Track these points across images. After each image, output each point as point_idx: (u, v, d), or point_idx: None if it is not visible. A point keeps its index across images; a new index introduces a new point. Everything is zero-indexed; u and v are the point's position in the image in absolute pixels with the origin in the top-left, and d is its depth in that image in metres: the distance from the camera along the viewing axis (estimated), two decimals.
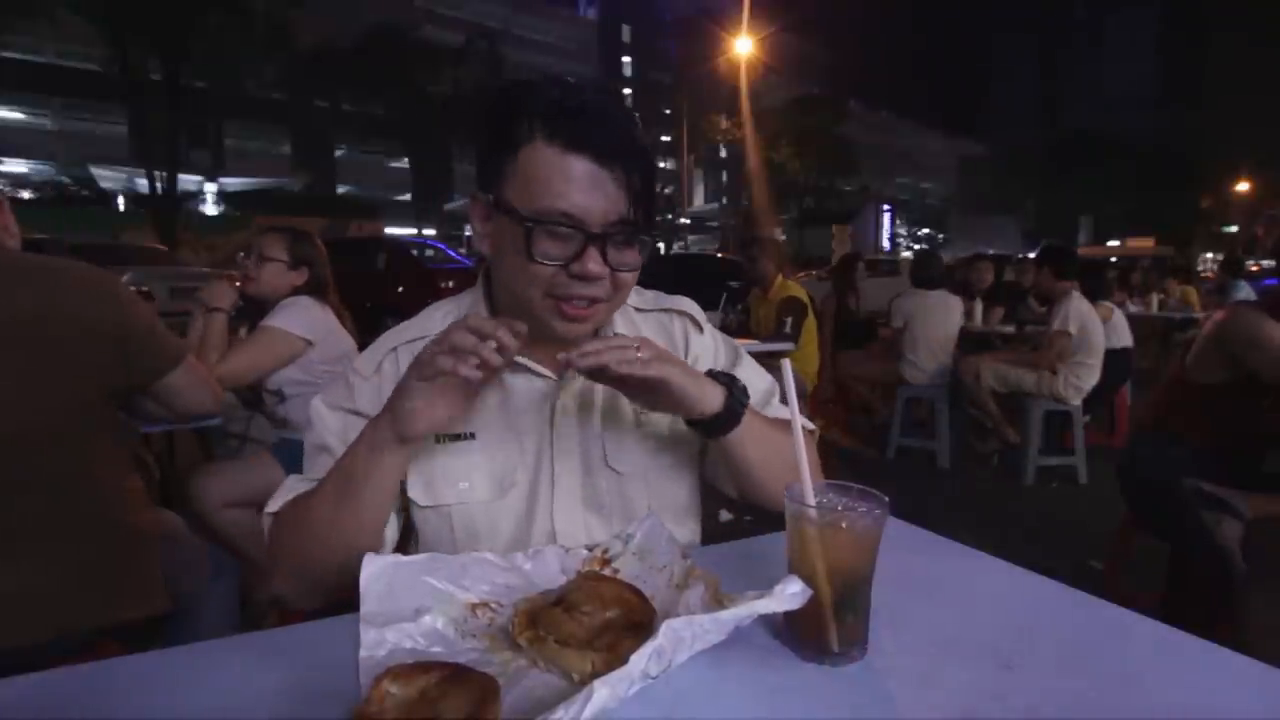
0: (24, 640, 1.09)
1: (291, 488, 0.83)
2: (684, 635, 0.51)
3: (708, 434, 0.80)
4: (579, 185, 0.71)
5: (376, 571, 0.63)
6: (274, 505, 0.82)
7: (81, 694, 0.55)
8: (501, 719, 0.49)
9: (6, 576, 1.09)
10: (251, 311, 2.25)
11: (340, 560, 0.72)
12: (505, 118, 0.74)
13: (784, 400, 0.72)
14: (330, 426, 0.85)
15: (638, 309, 0.94)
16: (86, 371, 1.20)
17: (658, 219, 0.78)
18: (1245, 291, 6.96)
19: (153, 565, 1.25)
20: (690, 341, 0.94)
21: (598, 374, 0.72)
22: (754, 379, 0.94)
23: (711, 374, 0.79)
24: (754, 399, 0.91)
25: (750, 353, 0.98)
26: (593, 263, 0.73)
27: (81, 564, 1.15)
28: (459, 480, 0.82)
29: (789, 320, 3.72)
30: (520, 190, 0.73)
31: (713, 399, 0.76)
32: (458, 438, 0.83)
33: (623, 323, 0.90)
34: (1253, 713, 0.54)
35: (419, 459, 0.82)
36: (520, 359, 0.83)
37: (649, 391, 0.75)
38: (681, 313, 0.95)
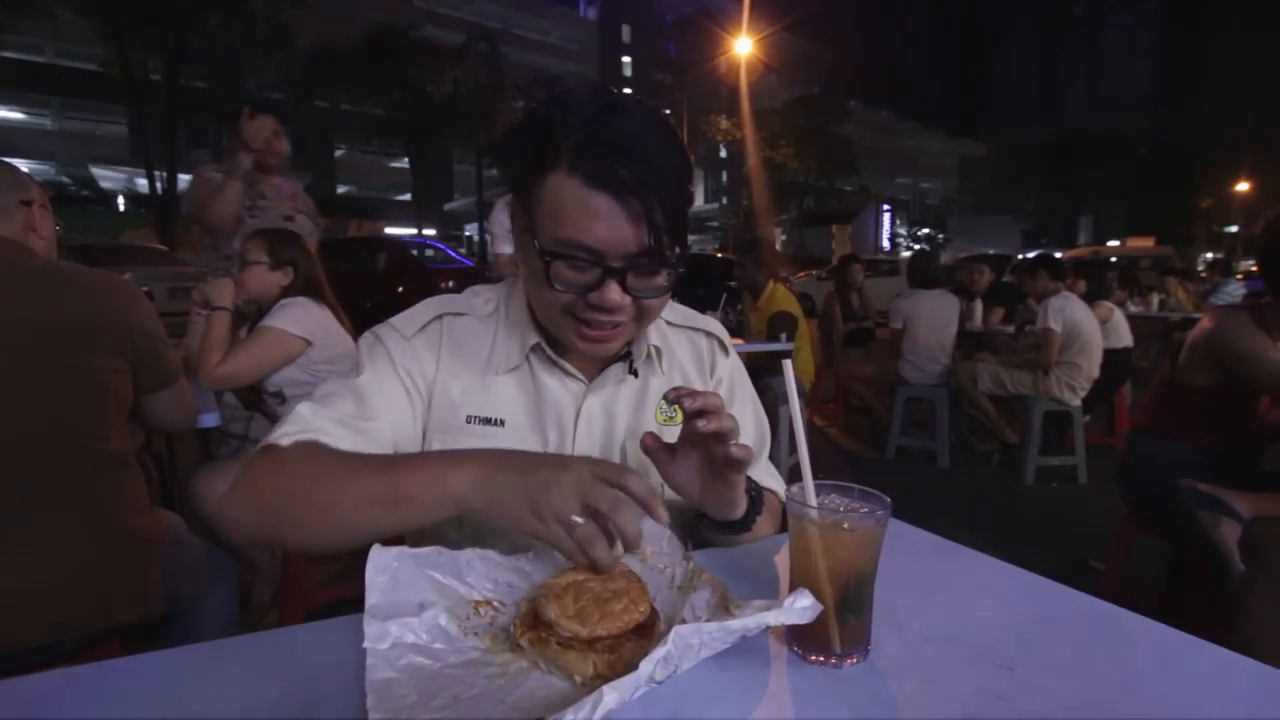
0: (24, 641, 1.10)
1: (307, 428, 0.73)
2: (692, 643, 0.51)
3: (711, 527, 0.81)
4: (599, 219, 0.70)
5: (381, 565, 0.63)
6: (281, 438, 0.72)
7: (81, 694, 0.55)
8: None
9: (6, 577, 1.09)
10: (251, 313, 2.25)
11: (313, 540, 0.70)
12: (540, 133, 0.72)
13: (785, 402, 0.71)
14: (375, 368, 0.81)
15: (670, 323, 0.96)
16: (103, 379, 1.21)
17: (687, 246, 0.77)
18: (1234, 289, 6.96)
19: (152, 566, 1.25)
20: (716, 363, 0.97)
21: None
22: (750, 422, 0.97)
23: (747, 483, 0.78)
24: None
25: (746, 353, 1.00)
26: (611, 293, 0.73)
27: (82, 565, 1.15)
28: None
29: (783, 336, 3.72)
30: (545, 218, 0.73)
31: (739, 509, 0.77)
32: (488, 421, 0.84)
33: (654, 334, 0.91)
34: (1253, 713, 0.54)
35: (448, 438, 0.82)
36: (554, 358, 0.85)
37: (713, 469, 0.73)
38: (710, 334, 0.99)
